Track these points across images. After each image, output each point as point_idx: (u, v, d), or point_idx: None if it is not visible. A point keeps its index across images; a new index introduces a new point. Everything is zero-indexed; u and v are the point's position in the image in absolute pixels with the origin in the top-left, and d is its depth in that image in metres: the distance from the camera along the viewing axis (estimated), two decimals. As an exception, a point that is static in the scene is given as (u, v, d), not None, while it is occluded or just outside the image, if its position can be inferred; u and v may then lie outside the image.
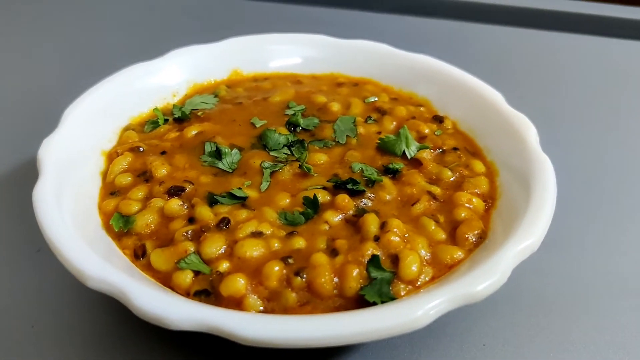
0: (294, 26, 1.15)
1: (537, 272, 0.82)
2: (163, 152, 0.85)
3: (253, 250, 0.68)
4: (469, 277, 0.63)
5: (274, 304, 0.65)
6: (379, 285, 0.66)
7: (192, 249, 0.69)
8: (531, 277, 0.81)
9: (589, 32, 1.53)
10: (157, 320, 0.58)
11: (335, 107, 0.96)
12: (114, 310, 0.74)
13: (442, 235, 0.73)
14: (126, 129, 0.91)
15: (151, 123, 0.92)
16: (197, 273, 0.68)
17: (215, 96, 0.99)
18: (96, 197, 0.80)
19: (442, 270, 0.70)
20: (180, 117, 0.93)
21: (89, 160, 0.83)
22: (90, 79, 0.93)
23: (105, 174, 0.83)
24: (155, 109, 0.94)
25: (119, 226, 0.74)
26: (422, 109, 0.98)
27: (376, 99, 0.99)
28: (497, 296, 0.69)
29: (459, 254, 0.71)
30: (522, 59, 1.43)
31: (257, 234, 0.71)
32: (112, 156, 0.85)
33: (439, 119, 0.95)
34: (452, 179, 0.82)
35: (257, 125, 0.90)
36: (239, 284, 0.65)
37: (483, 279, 0.62)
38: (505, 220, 0.74)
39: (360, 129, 0.90)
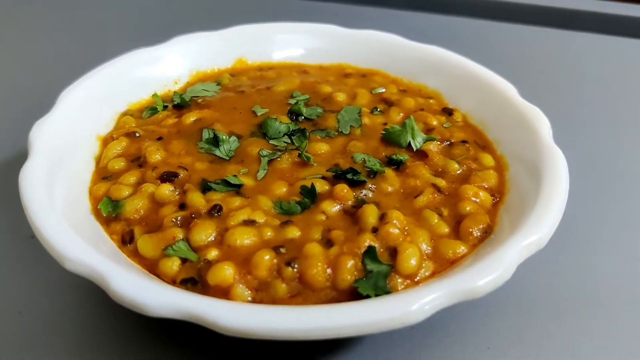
0: (303, 19, 1.12)
1: (546, 273, 0.78)
2: (159, 138, 0.83)
3: (244, 238, 0.66)
4: (470, 272, 0.59)
5: (262, 295, 0.62)
6: (375, 279, 0.62)
7: (180, 236, 0.66)
8: (540, 278, 0.77)
9: (607, 32, 1.48)
10: (135, 306, 0.55)
11: (341, 97, 0.93)
12: (104, 300, 0.72)
13: (445, 229, 0.70)
14: (124, 114, 0.90)
15: (150, 109, 0.90)
16: (184, 261, 0.65)
17: (218, 84, 0.97)
18: (88, 181, 0.78)
19: (443, 265, 0.67)
20: (179, 103, 0.91)
21: (83, 144, 0.82)
22: (91, 64, 0.92)
23: (99, 159, 0.81)
24: (154, 95, 0.92)
25: (108, 211, 0.72)
26: (431, 101, 0.95)
27: (384, 90, 0.96)
28: (503, 296, 0.66)
29: (462, 248, 0.68)
30: (536, 57, 1.39)
31: (249, 222, 0.68)
32: (107, 141, 0.83)
33: (448, 111, 0.92)
34: (458, 172, 0.79)
35: (259, 114, 0.88)
36: (226, 272, 0.62)
37: (484, 274, 0.59)
38: (513, 215, 0.71)
39: (365, 120, 0.87)
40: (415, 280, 0.64)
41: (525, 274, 0.65)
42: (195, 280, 0.63)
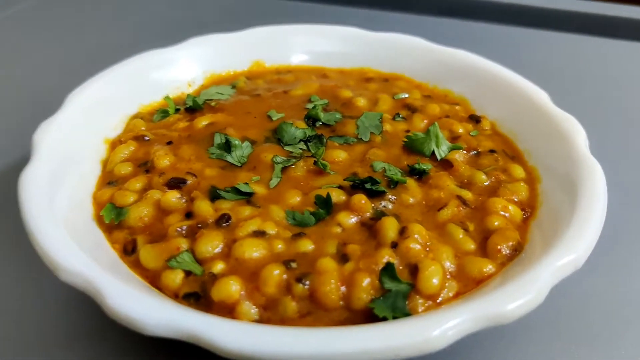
0: (323, 23, 1.08)
1: (580, 295, 0.72)
2: (169, 142, 0.79)
3: (252, 251, 0.62)
4: (499, 294, 0.55)
5: (270, 313, 0.58)
6: (393, 299, 0.58)
7: (185, 247, 0.63)
8: (573, 300, 0.71)
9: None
10: (130, 323, 0.51)
11: (361, 102, 0.89)
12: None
13: (471, 246, 0.65)
14: (134, 117, 0.86)
15: (161, 112, 0.87)
16: (188, 273, 0.61)
17: (233, 87, 0.93)
18: (93, 186, 0.75)
19: (468, 286, 0.62)
20: (192, 106, 0.87)
21: (90, 147, 0.79)
22: (103, 65, 0.89)
23: (106, 163, 0.78)
24: (166, 97, 0.89)
25: (110, 218, 0.68)
26: (457, 107, 0.91)
27: (407, 95, 0.92)
28: (532, 320, 0.61)
29: (489, 267, 0.63)
30: (570, 63, 1.32)
31: (259, 234, 0.64)
32: (115, 144, 0.81)
33: (475, 119, 0.87)
34: (486, 184, 0.75)
35: (274, 118, 0.84)
36: (231, 288, 0.58)
37: (515, 297, 0.54)
38: (546, 232, 0.66)
39: (387, 126, 0.83)
40: (438, 301, 0.60)
41: (557, 295, 0.60)
42: (198, 295, 0.60)
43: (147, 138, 0.80)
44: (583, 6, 1.50)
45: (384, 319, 0.56)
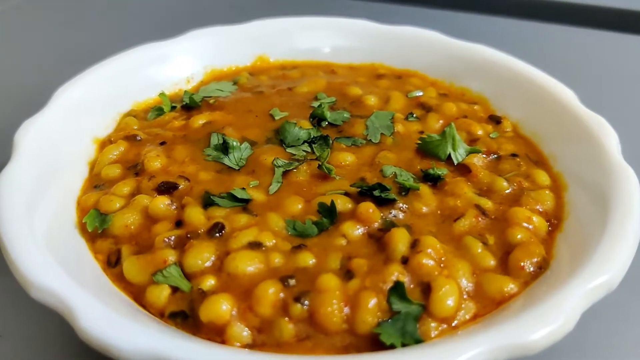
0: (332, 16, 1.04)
1: (613, 319, 0.66)
2: (162, 143, 0.75)
3: (247, 265, 0.57)
4: (523, 320, 0.51)
5: (264, 337, 0.53)
6: (402, 322, 0.54)
7: (172, 259, 0.58)
8: (605, 325, 0.66)
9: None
10: (104, 348, 0.47)
11: (371, 100, 0.85)
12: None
13: (491, 261, 0.61)
14: (127, 115, 0.82)
15: (155, 110, 0.83)
16: (175, 289, 0.57)
17: (234, 84, 0.89)
18: (78, 190, 0.70)
19: (487, 307, 0.58)
20: (188, 104, 0.83)
21: (78, 147, 0.75)
22: (97, 59, 0.85)
23: (94, 165, 0.74)
24: (162, 94, 0.85)
25: (94, 225, 0.64)
26: (476, 107, 0.86)
27: (421, 93, 0.88)
28: (558, 346, 0.54)
29: (511, 286, 0.58)
30: (599, 61, 1.27)
31: (255, 245, 0.59)
32: (104, 144, 0.77)
33: (495, 120, 0.83)
34: (507, 192, 0.70)
35: (277, 118, 0.80)
36: (221, 307, 0.53)
37: (541, 324, 0.50)
38: (574, 247, 0.62)
39: (399, 127, 0.79)
40: (453, 325, 0.56)
41: (587, 319, 0.54)
42: (186, 315, 0.55)
43: (139, 138, 0.75)
44: (613, 1, 1.44)
45: (392, 346, 0.51)
